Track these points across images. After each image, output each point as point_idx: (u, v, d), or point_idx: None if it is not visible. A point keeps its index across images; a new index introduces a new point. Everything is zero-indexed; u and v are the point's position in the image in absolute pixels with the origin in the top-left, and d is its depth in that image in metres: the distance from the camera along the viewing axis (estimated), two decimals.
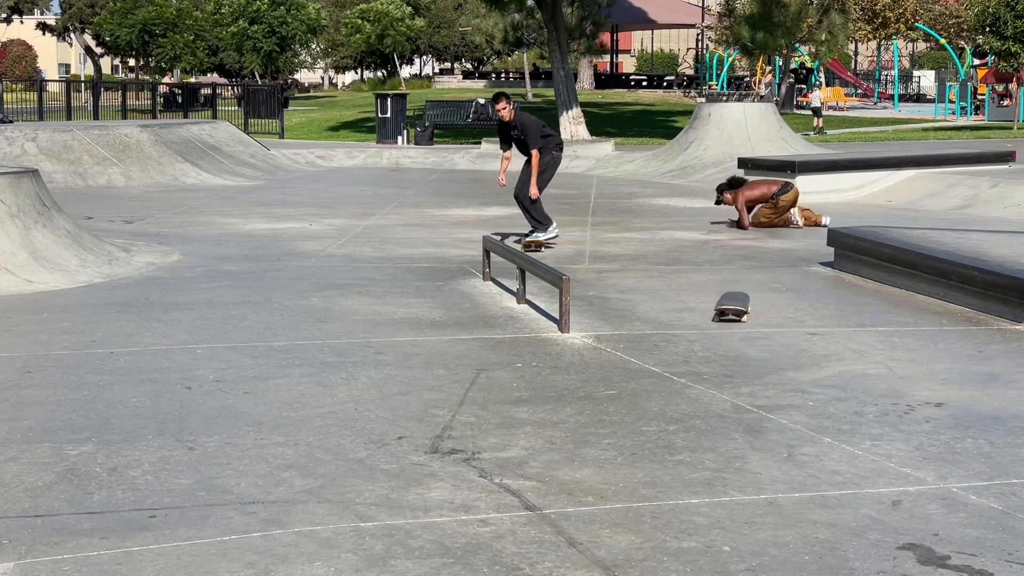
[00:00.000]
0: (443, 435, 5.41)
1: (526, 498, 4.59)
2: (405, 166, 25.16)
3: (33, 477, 4.79)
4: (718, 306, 8.02)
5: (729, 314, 7.90)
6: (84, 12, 66.20)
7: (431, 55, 72.81)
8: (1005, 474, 4.97)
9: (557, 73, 29.74)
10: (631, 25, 58.71)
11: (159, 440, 5.30)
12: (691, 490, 4.71)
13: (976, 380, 6.62)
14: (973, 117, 39.91)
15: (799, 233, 13.18)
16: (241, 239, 12.55)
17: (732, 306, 7.97)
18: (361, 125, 37.26)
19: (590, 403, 6.00)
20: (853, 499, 4.63)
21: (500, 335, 7.63)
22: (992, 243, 9.97)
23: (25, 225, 9.87)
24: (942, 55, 61.65)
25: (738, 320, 7.85)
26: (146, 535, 4.18)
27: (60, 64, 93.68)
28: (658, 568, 3.94)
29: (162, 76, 62.15)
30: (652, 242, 12.43)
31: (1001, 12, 32.88)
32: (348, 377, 6.51)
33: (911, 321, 8.25)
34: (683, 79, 58.05)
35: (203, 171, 20.63)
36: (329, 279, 9.85)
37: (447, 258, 11.16)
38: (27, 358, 6.94)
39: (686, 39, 73.49)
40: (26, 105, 30.60)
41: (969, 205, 15.50)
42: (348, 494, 4.61)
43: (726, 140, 22.01)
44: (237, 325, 7.93)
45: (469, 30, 54.34)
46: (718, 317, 7.92)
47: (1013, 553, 4.10)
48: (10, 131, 19.76)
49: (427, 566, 3.94)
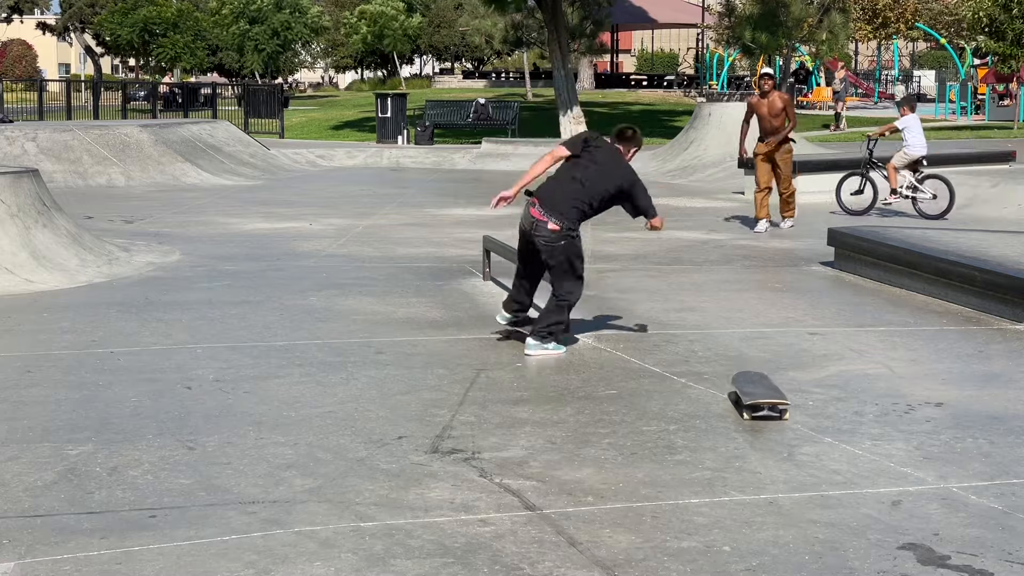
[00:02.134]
0: (443, 435, 5.41)
1: (526, 498, 4.59)
2: (405, 166, 25.16)
3: (33, 477, 4.79)
4: (747, 399, 5.77)
5: (764, 408, 5.73)
6: (84, 12, 66.17)
7: (431, 55, 72.79)
8: (1005, 474, 4.97)
9: (557, 73, 29.71)
10: (631, 25, 58.64)
11: (159, 440, 5.30)
12: (691, 490, 4.71)
13: (976, 380, 6.62)
14: (973, 117, 39.88)
15: (799, 233, 13.17)
16: (241, 239, 12.55)
17: (767, 399, 5.75)
18: (361, 125, 37.26)
19: (590, 403, 6.00)
20: (853, 499, 4.63)
21: (500, 335, 7.62)
22: (992, 243, 9.97)
23: (25, 225, 9.87)
24: (942, 55, 61.65)
25: (779, 417, 5.74)
26: (146, 535, 4.18)
27: (60, 64, 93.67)
28: (658, 568, 3.94)
29: (162, 76, 62.13)
30: (652, 242, 12.42)
31: (996, 14, 32.84)
32: (348, 377, 6.51)
33: (911, 321, 8.25)
34: (683, 79, 58.03)
35: (203, 171, 20.62)
36: (329, 279, 9.84)
37: (447, 258, 11.16)
38: (27, 358, 6.94)
39: (686, 39, 73.43)
40: (26, 105, 30.60)
41: (969, 205, 15.49)
42: (348, 494, 4.61)
43: (726, 140, 21.96)
44: (237, 325, 7.93)
45: (468, 30, 54.36)
46: (751, 414, 5.74)
47: (1013, 553, 4.10)
48: (10, 131, 19.76)
49: (427, 566, 3.93)
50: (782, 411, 5.75)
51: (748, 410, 5.73)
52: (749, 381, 6.05)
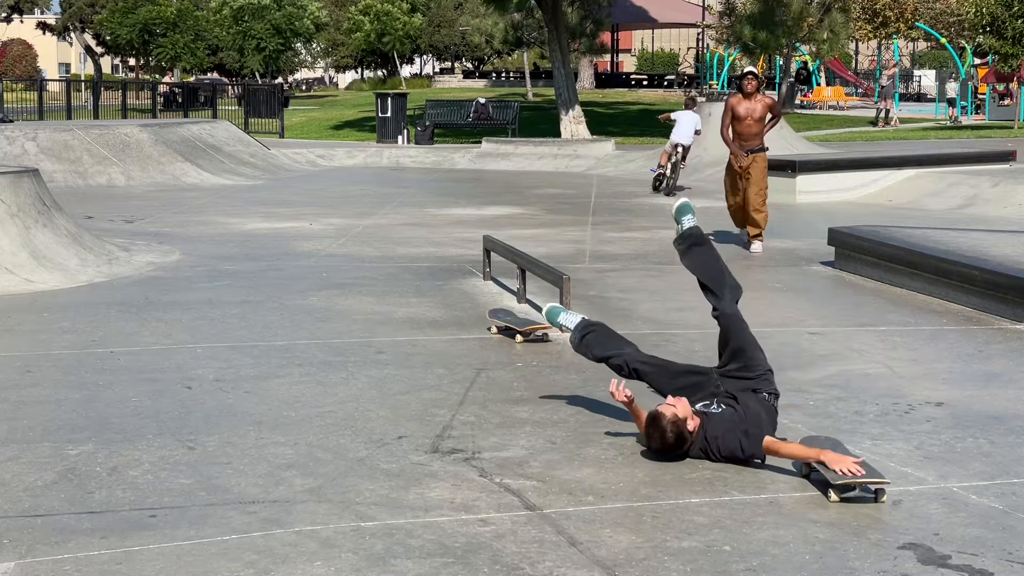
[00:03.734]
0: (443, 435, 5.41)
1: (526, 498, 4.59)
2: (405, 165, 25.16)
3: (33, 477, 4.79)
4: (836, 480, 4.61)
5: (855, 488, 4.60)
6: (84, 11, 66.17)
7: (431, 54, 72.79)
8: (1006, 473, 4.96)
9: (558, 72, 29.73)
10: (632, 24, 58.65)
11: (159, 440, 5.30)
12: (691, 489, 4.71)
13: (977, 379, 6.62)
14: (974, 116, 39.87)
15: (799, 233, 13.17)
16: (241, 238, 12.55)
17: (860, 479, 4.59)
18: (361, 124, 37.25)
19: (591, 402, 6.00)
20: (853, 498, 4.62)
21: (503, 336, 7.62)
22: (993, 242, 9.97)
23: (25, 225, 9.86)
24: (943, 54, 61.65)
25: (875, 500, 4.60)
26: (146, 535, 4.17)
27: (60, 63, 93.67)
28: (659, 567, 3.94)
29: (162, 76, 62.14)
30: (652, 241, 12.42)
31: (999, 12, 32.83)
32: (348, 376, 6.51)
33: (912, 320, 8.25)
34: (684, 78, 58.01)
35: (203, 170, 20.62)
36: (329, 279, 9.84)
37: (447, 257, 11.16)
38: (27, 358, 6.94)
39: (687, 38, 73.43)
40: (26, 105, 30.59)
41: (970, 204, 15.49)
42: (348, 494, 4.61)
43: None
44: (237, 324, 7.93)
45: (469, 29, 54.35)
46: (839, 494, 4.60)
47: (1013, 553, 4.09)
48: (10, 130, 19.75)
49: (427, 566, 3.93)
50: (877, 491, 4.60)
51: (836, 490, 4.59)
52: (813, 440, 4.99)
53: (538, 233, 13.04)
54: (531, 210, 15.83)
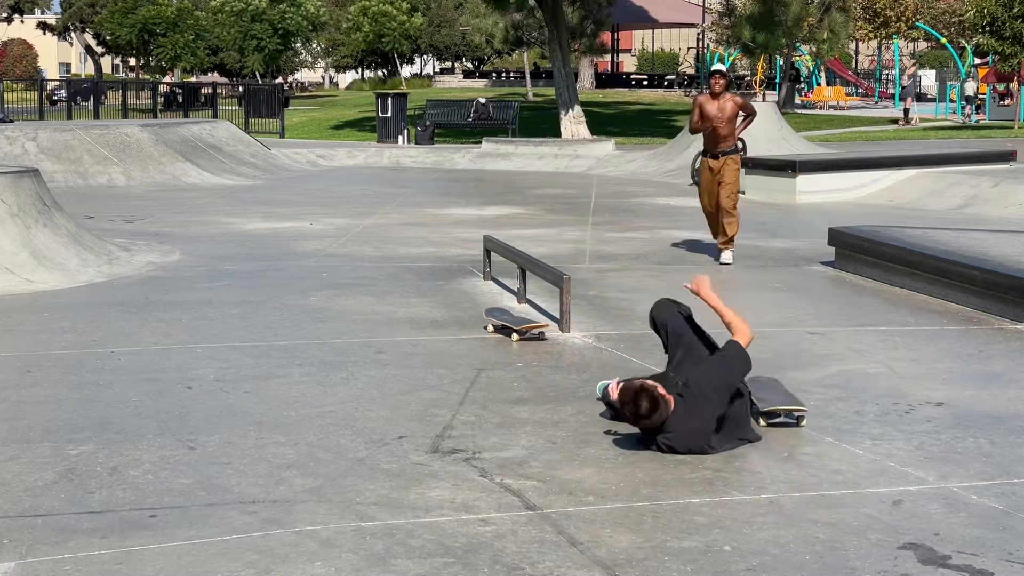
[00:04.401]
0: (444, 435, 5.41)
1: (527, 498, 4.59)
2: (405, 165, 25.15)
3: (33, 477, 4.79)
4: (763, 406, 5.64)
5: (780, 415, 5.63)
6: (84, 11, 66.22)
7: (431, 54, 72.80)
8: (1006, 474, 4.96)
9: (558, 72, 29.73)
10: (632, 24, 58.66)
11: (159, 440, 5.30)
12: (692, 489, 4.71)
13: (977, 380, 6.62)
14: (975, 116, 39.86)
15: (799, 233, 13.17)
16: (241, 238, 12.55)
17: (783, 406, 5.67)
18: (362, 124, 37.25)
19: (591, 402, 6.00)
20: (854, 499, 4.63)
21: (500, 334, 7.62)
22: (993, 242, 9.96)
23: (26, 224, 9.87)
24: (943, 54, 61.62)
25: (796, 424, 5.62)
26: (146, 534, 4.18)
27: (61, 63, 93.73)
28: (659, 568, 3.94)
29: (163, 75, 62.14)
30: (653, 241, 12.42)
31: (999, 13, 32.82)
32: (348, 376, 6.51)
33: (912, 320, 8.25)
34: (684, 78, 58.02)
35: (204, 170, 20.62)
36: (329, 279, 9.84)
37: (447, 257, 11.16)
38: (27, 358, 6.94)
39: (687, 38, 73.44)
40: (26, 105, 30.60)
41: (970, 204, 15.50)
42: (348, 494, 4.61)
43: None
44: (237, 325, 7.93)
45: (469, 29, 54.32)
46: (766, 420, 5.60)
47: (1014, 553, 4.09)
48: (10, 130, 19.75)
49: (428, 566, 3.93)
50: (799, 417, 5.60)
51: (764, 416, 5.58)
52: (762, 387, 5.84)
53: (538, 233, 13.04)
54: (531, 210, 15.83)
